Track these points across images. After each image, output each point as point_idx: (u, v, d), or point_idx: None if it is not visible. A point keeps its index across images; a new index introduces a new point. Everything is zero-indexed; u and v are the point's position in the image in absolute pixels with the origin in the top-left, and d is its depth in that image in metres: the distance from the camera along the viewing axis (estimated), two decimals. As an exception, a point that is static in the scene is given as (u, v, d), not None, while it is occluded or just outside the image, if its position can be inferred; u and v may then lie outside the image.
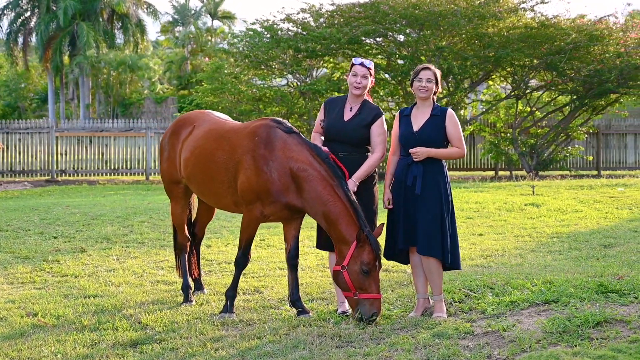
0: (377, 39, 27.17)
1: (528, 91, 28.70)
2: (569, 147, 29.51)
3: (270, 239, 13.47)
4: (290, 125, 8.39)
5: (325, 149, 8.25)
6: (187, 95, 58.53)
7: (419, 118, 8.19)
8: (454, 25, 25.39)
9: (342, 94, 29.60)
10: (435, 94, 8.23)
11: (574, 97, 28.26)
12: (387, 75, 27.45)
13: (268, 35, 26.95)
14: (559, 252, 11.91)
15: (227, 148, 8.52)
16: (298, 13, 27.26)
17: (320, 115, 8.60)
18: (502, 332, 7.31)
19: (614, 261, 10.85)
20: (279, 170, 8.13)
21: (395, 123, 8.33)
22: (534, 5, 26.39)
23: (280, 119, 8.46)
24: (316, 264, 11.22)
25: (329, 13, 26.91)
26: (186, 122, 9.28)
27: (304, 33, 26.09)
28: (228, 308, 8.44)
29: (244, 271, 10.46)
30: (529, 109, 29.08)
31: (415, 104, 8.32)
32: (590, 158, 30.92)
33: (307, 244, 12.85)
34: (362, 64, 8.43)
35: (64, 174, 29.65)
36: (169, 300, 9.24)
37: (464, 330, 7.50)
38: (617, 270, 9.85)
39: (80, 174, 29.71)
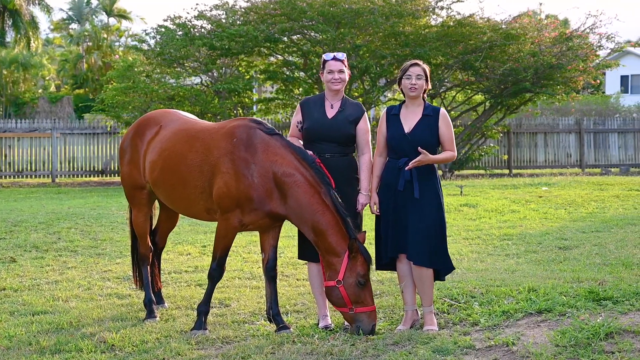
0: (293, 37, 26.59)
1: (443, 90, 28.53)
2: (484, 146, 29.51)
3: (212, 245, 12.77)
4: (271, 126, 7.77)
5: (310, 152, 7.66)
6: (84, 95, 56.97)
7: (410, 118, 7.66)
8: (371, 23, 25.02)
9: (255, 94, 29.25)
10: (425, 91, 7.72)
11: (488, 96, 28.23)
12: (302, 74, 26.97)
13: (180, 33, 26.10)
14: (516, 256, 11.59)
15: (201, 150, 7.81)
16: (211, 10, 26.52)
17: (297, 117, 7.99)
18: (510, 347, 6.86)
19: (579, 264, 10.56)
20: (262, 174, 7.49)
21: (382, 123, 7.79)
22: (450, 4, 26.17)
23: (260, 119, 7.84)
24: (274, 273, 10.58)
25: (243, 10, 26.22)
26: (151, 121, 8.50)
27: (219, 30, 25.33)
28: (201, 324, 7.76)
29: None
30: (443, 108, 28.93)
31: (404, 102, 7.80)
32: (506, 157, 30.97)
33: (255, 249, 12.24)
34: (334, 59, 7.90)
35: (-37, 177, 28.20)
36: (129, 316, 8.50)
37: (464, 345, 7.05)
38: (589, 274, 9.56)
39: (-19, 177, 28.28)
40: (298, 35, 26.37)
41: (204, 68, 26.07)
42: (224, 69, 26.57)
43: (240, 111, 27.45)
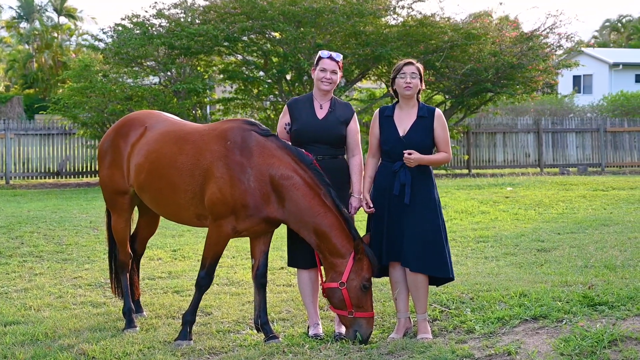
0: (252, 36, 26.20)
1: (403, 90, 28.24)
2: (445, 146, 29.34)
3: (183, 249, 12.45)
4: (266, 127, 7.44)
5: (306, 153, 7.34)
6: (34, 95, 56.05)
7: (404, 120, 7.39)
8: (332, 23, 24.77)
9: (214, 94, 28.78)
10: (419, 92, 7.45)
11: (449, 96, 28.13)
12: (262, 74, 26.65)
13: (138, 32, 25.60)
14: (495, 258, 11.39)
15: (191, 152, 7.42)
16: (169, 9, 26.08)
17: (285, 119, 7.68)
18: (513, 356, 6.62)
19: (562, 267, 10.38)
20: (258, 179, 7.15)
21: (375, 124, 7.51)
22: (411, 4, 25.99)
23: (253, 120, 7.50)
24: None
25: (202, 8, 25.80)
26: (135, 122, 8.06)
27: (178, 29, 24.88)
28: (186, 334, 7.42)
29: (180, 290, 9.59)
30: (404, 108, 28.70)
31: (397, 102, 7.53)
32: (466, 157, 30.83)
33: (227, 253, 11.92)
34: (330, 57, 7.61)
35: None
36: (108, 325, 8.12)
37: (463, 354, 6.81)
38: (576, 278, 9.36)
39: None
40: (258, 35, 25.99)
41: (162, 67, 25.62)
42: (182, 68, 26.11)
43: (199, 111, 27.04)
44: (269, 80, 26.52)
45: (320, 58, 7.61)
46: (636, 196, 18.41)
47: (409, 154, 7.19)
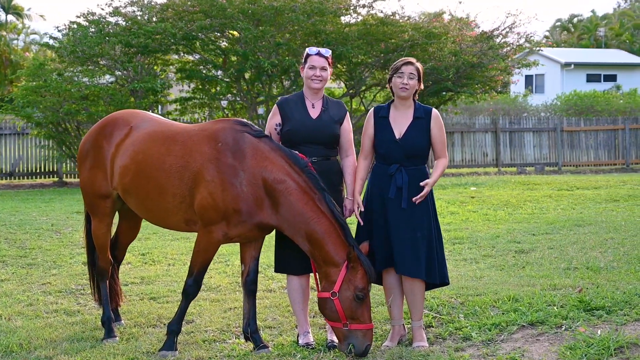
0: (210, 35, 25.78)
1: (363, 89, 28.09)
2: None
3: (151, 253, 12.04)
4: (258, 127, 7.08)
5: (301, 155, 7.00)
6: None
7: (400, 122, 7.10)
8: (292, 21, 24.49)
9: (171, 94, 28.31)
10: (417, 92, 7.17)
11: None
12: (220, 72, 26.26)
13: (94, 30, 25.07)
14: (474, 261, 11.17)
15: (180, 154, 7.01)
16: (125, 7, 25.53)
17: (276, 119, 7.33)
18: (518, 365, 6.37)
19: (545, 270, 10.17)
20: (251, 182, 6.77)
21: (369, 124, 7.21)
22: (372, 2, 25.77)
23: (245, 120, 7.13)
24: (229, 282, 9.93)
25: (159, 6, 25.33)
26: (119, 122, 7.60)
27: (135, 28, 24.39)
28: (172, 345, 7.04)
29: (156, 297, 9.23)
30: (363, 107, 28.53)
31: (392, 101, 7.24)
32: (426, 157, 30.65)
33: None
34: (319, 54, 7.30)
35: None
36: (85, 335, 7.69)
37: (463, 363, 6.54)
38: (563, 281, 9.18)
39: None
40: (217, 33, 25.60)
41: (119, 66, 25.10)
42: (139, 67, 25.59)
43: (156, 110, 26.59)
44: (227, 80, 26.15)
45: (308, 55, 7.29)
46: (602, 196, 18.39)
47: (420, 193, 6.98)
